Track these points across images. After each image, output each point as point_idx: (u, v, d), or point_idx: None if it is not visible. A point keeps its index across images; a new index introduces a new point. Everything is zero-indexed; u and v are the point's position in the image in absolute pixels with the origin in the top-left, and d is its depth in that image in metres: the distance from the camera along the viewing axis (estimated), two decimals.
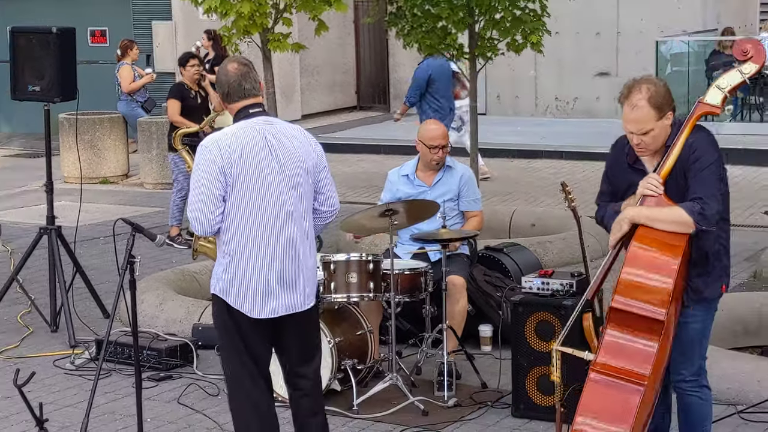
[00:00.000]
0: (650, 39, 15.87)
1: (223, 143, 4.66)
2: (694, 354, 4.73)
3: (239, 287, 4.69)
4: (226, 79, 4.79)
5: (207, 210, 4.64)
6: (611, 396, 4.32)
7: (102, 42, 18.05)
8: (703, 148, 4.57)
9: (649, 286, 4.37)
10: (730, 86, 4.58)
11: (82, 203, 8.02)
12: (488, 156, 13.51)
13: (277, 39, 9.99)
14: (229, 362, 4.84)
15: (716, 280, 4.70)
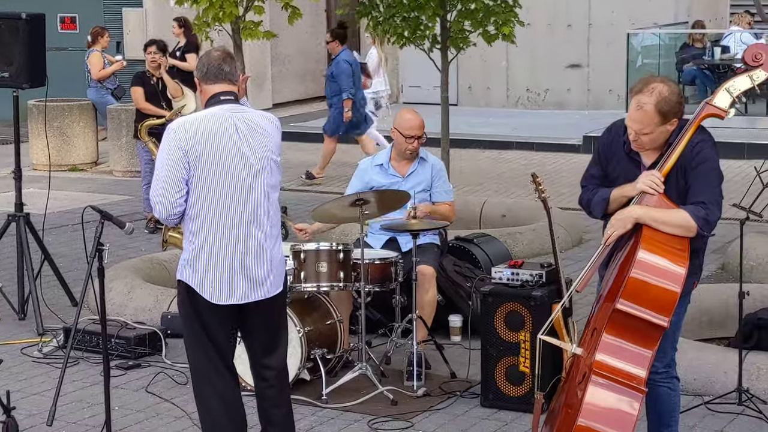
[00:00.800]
0: (621, 31, 15.94)
1: (189, 127, 4.66)
2: (668, 345, 4.75)
3: (204, 273, 4.68)
4: (207, 60, 4.80)
5: (169, 192, 4.62)
6: (613, 401, 4.32)
7: (72, 29, 17.92)
8: (707, 151, 4.57)
9: (657, 291, 4.35)
10: (739, 91, 4.56)
11: (51, 191, 7.97)
12: (459, 147, 13.53)
13: (249, 27, 9.96)
14: (193, 350, 4.82)
15: (692, 276, 4.68)
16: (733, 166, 13.01)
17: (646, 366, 4.38)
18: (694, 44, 16.11)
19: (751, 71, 4.57)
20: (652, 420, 4.90)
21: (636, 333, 4.37)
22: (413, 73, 18.05)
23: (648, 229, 4.43)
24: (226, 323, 4.78)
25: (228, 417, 4.82)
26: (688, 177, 4.54)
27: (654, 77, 4.62)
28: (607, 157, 4.73)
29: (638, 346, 4.37)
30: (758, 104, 15.83)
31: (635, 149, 4.63)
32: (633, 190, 4.56)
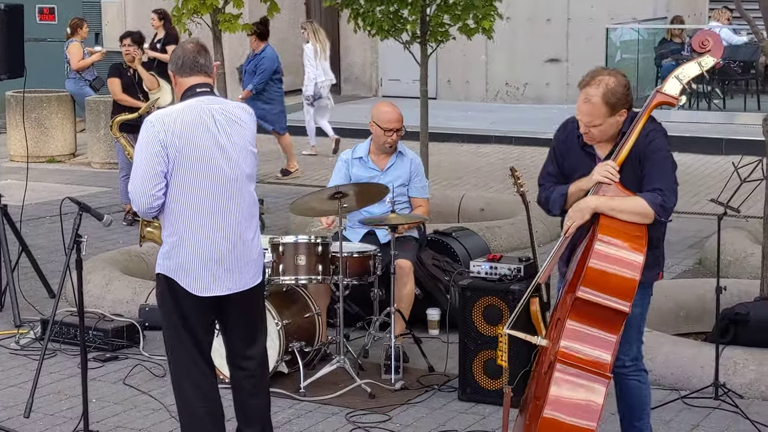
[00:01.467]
0: (600, 26, 15.98)
1: (167, 120, 4.65)
2: (633, 338, 4.78)
3: (185, 266, 4.68)
4: (182, 53, 4.79)
5: (147, 186, 4.62)
6: (578, 390, 4.33)
7: (50, 20, 17.83)
8: (660, 140, 4.62)
9: (616, 278, 4.38)
10: (688, 77, 4.62)
11: (29, 182, 7.94)
12: (438, 140, 13.55)
13: (228, 20, 9.93)
14: (172, 342, 4.82)
15: (655, 266, 4.74)
16: (711, 161, 13.10)
17: (611, 351, 4.39)
18: (672, 39, 16.16)
19: (699, 58, 4.65)
20: (624, 414, 4.92)
21: (599, 319, 4.40)
22: (392, 66, 18.06)
23: (605, 218, 4.48)
24: (205, 315, 4.79)
25: (206, 408, 4.83)
26: (644, 165, 4.57)
27: (601, 69, 4.68)
28: (562, 154, 4.78)
29: (602, 331, 4.39)
30: (736, 100, 15.93)
31: (588, 142, 4.68)
32: (589, 183, 4.59)
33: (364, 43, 17.77)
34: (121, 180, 10.40)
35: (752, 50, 15.44)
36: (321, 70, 13.78)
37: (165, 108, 4.80)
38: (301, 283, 6.39)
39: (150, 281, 7.70)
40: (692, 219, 10.33)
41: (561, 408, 4.32)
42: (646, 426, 4.92)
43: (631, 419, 4.91)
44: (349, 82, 19.15)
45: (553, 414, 4.32)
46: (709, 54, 4.63)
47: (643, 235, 4.47)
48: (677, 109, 15.52)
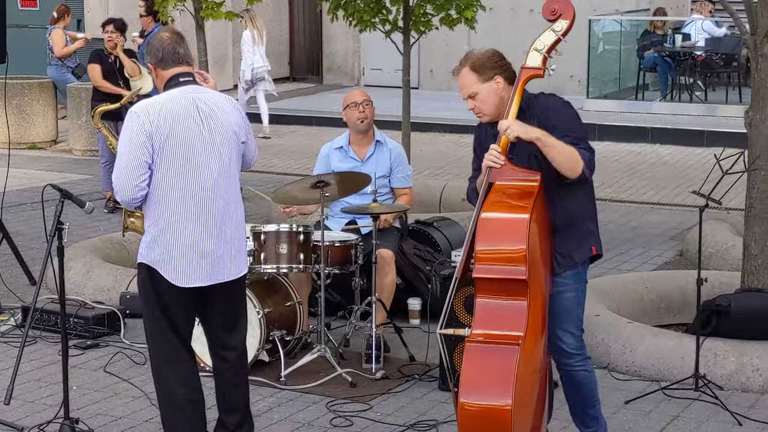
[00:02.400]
0: (583, 17, 15.98)
1: (152, 110, 4.64)
2: (571, 324, 4.73)
3: (168, 256, 4.68)
4: (160, 45, 4.77)
5: (131, 176, 4.60)
6: (488, 362, 4.25)
7: (32, 6, 17.72)
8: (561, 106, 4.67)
9: (504, 252, 4.31)
10: (546, 46, 4.64)
11: (9, 169, 7.90)
12: (420, 130, 13.55)
13: (211, 7, 9.90)
14: (153, 332, 4.82)
15: (584, 242, 4.74)
16: (693, 153, 13.15)
17: (523, 322, 4.29)
18: (655, 31, 16.19)
19: (553, 24, 4.67)
20: (576, 404, 4.89)
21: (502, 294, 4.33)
22: (374, 56, 18.05)
23: (492, 194, 4.43)
24: (186, 305, 4.79)
25: (187, 396, 4.83)
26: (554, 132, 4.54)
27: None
28: (482, 147, 4.73)
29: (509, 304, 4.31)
30: (718, 92, 15.98)
31: (480, 119, 4.70)
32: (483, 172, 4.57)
33: (346, 33, 17.73)
34: (102, 167, 10.40)
35: (734, 43, 15.50)
36: (258, 56, 14.17)
37: (149, 98, 4.78)
38: (282, 271, 6.38)
39: (131, 269, 7.68)
40: (674, 211, 10.38)
41: (474, 390, 4.23)
42: (599, 412, 4.91)
43: (583, 408, 4.88)
44: (332, 71, 19.13)
45: (467, 399, 4.23)
46: (561, 18, 4.66)
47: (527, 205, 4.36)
48: (659, 101, 15.62)
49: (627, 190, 11.34)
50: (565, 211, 4.68)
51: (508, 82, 4.68)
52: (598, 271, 8.24)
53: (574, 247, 4.72)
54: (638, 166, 12.58)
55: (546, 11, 4.67)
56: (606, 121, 14.44)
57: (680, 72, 15.91)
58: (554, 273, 4.68)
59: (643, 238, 9.36)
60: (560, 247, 4.69)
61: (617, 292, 7.05)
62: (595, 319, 6.49)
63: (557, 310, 4.69)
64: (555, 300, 4.68)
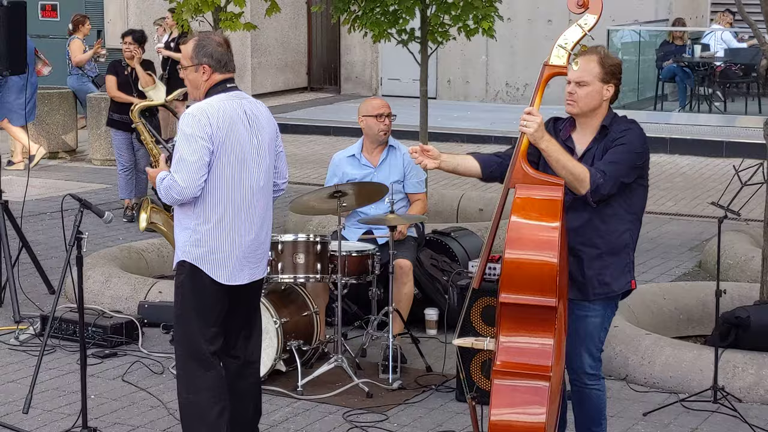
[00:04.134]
0: (602, 28, 15.97)
1: (210, 113, 4.78)
2: (592, 346, 4.69)
3: (215, 254, 4.80)
4: (219, 49, 4.91)
5: (197, 176, 4.72)
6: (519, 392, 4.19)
7: (53, 16, 17.83)
8: (633, 137, 4.59)
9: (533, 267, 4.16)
10: (572, 42, 4.44)
11: (29, 178, 7.95)
12: (438, 140, 13.55)
13: (229, 18, 9.93)
14: (184, 332, 4.87)
15: (625, 273, 4.66)
16: (712, 164, 13.10)
17: (549, 356, 4.19)
18: (674, 42, 16.16)
19: (579, 19, 4.45)
20: (582, 421, 4.84)
21: (530, 322, 4.19)
22: (392, 66, 18.06)
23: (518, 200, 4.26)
24: (222, 304, 4.89)
25: (214, 402, 4.86)
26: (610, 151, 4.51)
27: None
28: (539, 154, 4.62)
29: (536, 337, 4.19)
30: (737, 103, 15.93)
31: (569, 109, 4.59)
32: None
33: (364, 43, 17.76)
34: (119, 174, 10.50)
35: (753, 53, 15.45)
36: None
37: (203, 102, 4.86)
38: (299, 281, 6.39)
39: (149, 278, 7.71)
40: (693, 222, 10.34)
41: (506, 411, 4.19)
42: (604, 430, 4.87)
43: (590, 425, 4.83)
44: (349, 81, 19.16)
45: (500, 418, 4.19)
46: (588, 12, 4.42)
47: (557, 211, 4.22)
48: (677, 111, 15.57)
49: None
50: (610, 233, 4.58)
51: (613, 97, 4.63)
52: None
53: (614, 276, 4.63)
54: (657, 176, 12.54)
55: (572, 3, 4.45)
56: None
57: (699, 82, 15.87)
58: (587, 298, 4.61)
59: (661, 249, 9.33)
60: (600, 273, 4.59)
61: (636, 304, 7.02)
62: (614, 330, 6.46)
63: (580, 333, 4.65)
64: (579, 323, 4.64)
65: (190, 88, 4.97)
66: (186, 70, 4.94)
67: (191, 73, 4.92)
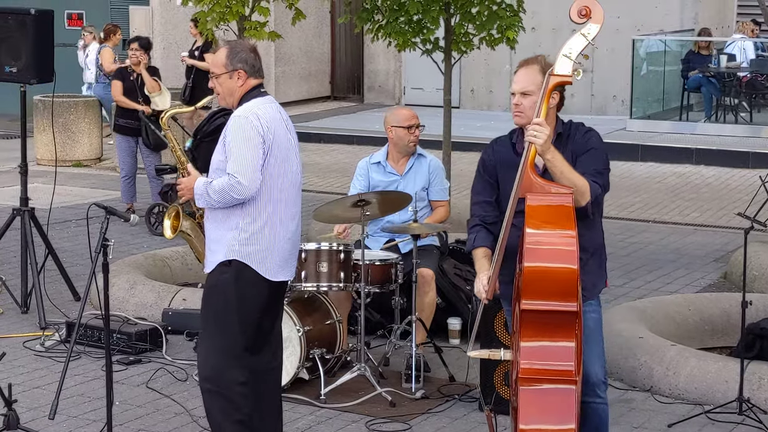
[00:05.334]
0: (626, 37, 15.95)
1: (260, 115, 4.92)
2: (601, 348, 4.66)
3: (268, 251, 4.92)
4: (252, 55, 5.05)
5: (258, 175, 4.84)
6: (547, 398, 4.18)
7: (79, 25, 17.95)
8: (597, 139, 4.63)
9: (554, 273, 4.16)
10: (576, 52, 4.45)
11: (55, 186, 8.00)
12: (461, 150, 13.55)
13: (254, 27, 9.97)
14: (228, 327, 4.92)
15: (603, 273, 4.71)
16: (738, 175, 13.04)
17: (572, 359, 4.20)
18: (700, 51, 16.10)
19: (583, 28, 4.46)
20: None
21: (551, 327, 4.21)
22: (416, 75, 18.09)
23: (530, 209, 4.27)
24: (263, 301, 4.99)
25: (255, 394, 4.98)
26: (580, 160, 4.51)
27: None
28: (502, 174, 4.62)
29: (557, 341, 4.20)
30: (763, 113, 15.86)
31: (516, 121, 4.56)
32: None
33: (387, 52, 17.79)
34: (122, 181, 10.88)
35: None
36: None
37: (247, 106, 4.95)
38: (322, 290, 6.40)
39: (173, 285, 7.74)
40: (718, 232, 10.29)
41: (535, 419, 4.19)
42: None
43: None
44: (373, 90, 19.19)
45: (529, 426, 4.19)
46: (591, 21, 4.44)
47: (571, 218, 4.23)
48: (703, 122, 15.51)
49: (670, 211, 11.27)
50: (595, 236, 4.64)
51: (559, 104, 4.64)
52: (641, 293, 8.20)
53: (597, 276, 4.68)
54: (682, 187, 12.50)
55: (574, 13, 4.47)
56: (649, 142, 14.37)
57: (725, 93, 15.80)
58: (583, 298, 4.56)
59: (686, 260, 9.30)
60: (590, 273, 4.60)
61: (660, 314, 7.00)
62: (639, 341, 6.44)
63: (583, 334, 4.52)
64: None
65: (224, 95, 5.03)
66: (219, 78, 4.99)
67: (226, 80, 4.99)
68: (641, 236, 10.14)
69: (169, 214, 5.52)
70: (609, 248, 4.86)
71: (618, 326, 6.64)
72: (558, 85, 4.48)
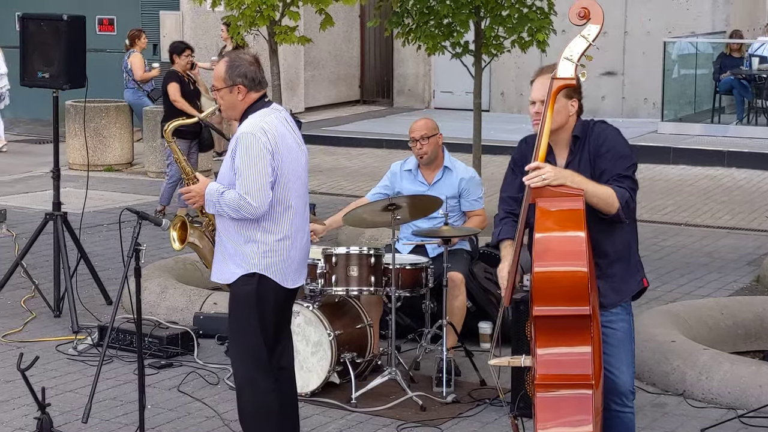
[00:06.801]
0: (657, 39, 15.87)
1: (267, 128, 4.90)
2: (627, 358, 4.60)
3: (286, 262, 4.97)
4: (252, 68, 4.99)
5: (267, 194, 4.85)
6: (564, 402, 4.18)
7: (110, 30, 18.05)
8: (613, 135, 4.55)
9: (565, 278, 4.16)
10: (578, 54, 4.41)
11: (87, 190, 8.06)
12: (491, 153, 13.52)
13: (284, 32, 10.00)
14: (253, 339, 4.97)
15: (635, 274, 4.63)
16: None
17: (589, 365, 4.18)
18: (731, 54, 15.99)
19: (582, 29, 4.42)
20: None
21: (565, 333, 4.18)
22: (445, 78, 18.07)
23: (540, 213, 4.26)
24: (284, 309, 5.09)
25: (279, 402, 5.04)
26: (600, 163, 4.48)
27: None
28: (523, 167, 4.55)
29: (573, 347, 4.18)
30: None
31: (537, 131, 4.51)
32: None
33: (417, 56, 17.78)
34: (167, 183, 10.96)
35: None
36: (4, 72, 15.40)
37: (253, 120, 4.92)
38: (352, 294, 6.40)
39: (204, 290, 7.77)
40: (750, 235, 10.21)
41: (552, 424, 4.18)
42: None
43: None
44: (402, 94, 19.19)
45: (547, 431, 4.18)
46: (591, 22, 4.40)
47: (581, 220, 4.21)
48: (735, 125, 15.40)
49: (702, 214, 11.20)
50: (616, 240, 4.55)
51: (579, 111, 4.62)
52: (673, 297, 8.15)
53: (626, 279, 4.61)
54: (714, 189, 12.42)
55: (573, 16, 4.42)
56: (681, 145, 14.29)
57: (757, 95, 15.68)
58: (603, 306, 4.53)
59: (718, 263, 9.23)
60: (611, 279, 4.56)
61: (693, 318, 6.95)
62: (671, 345, 6.41)
63: (610, 343, 4.55)
64: (607, 334, 4.54)
65: (226, 109, 5.03)
66: (220, 92, 4.99)
67: (226, 94, 4.98)
68: (674, 239, 10.08)
69: (174, 225, 5.44)
70: (642, 251, 4.81)
71: (650, 330, 6.60)
72: (562, 89, 4.44)
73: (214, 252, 5.13)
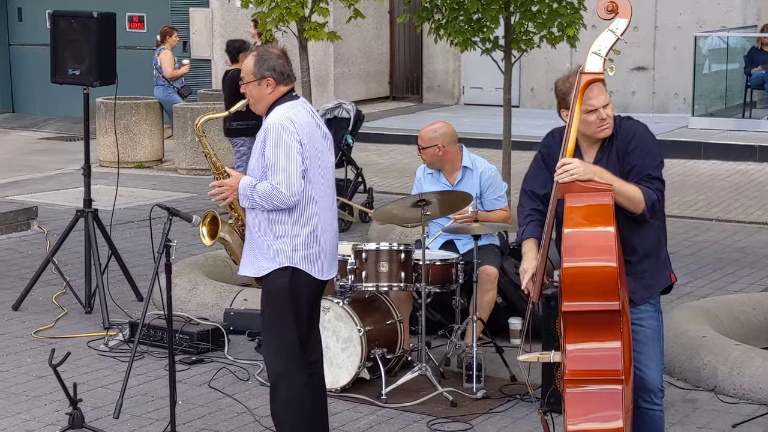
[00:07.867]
0: (688, 34, 15.76)
1: (295, 120, 4.93)
2: (656, 355, 4.58)
3: (318, 254, 4.98)
4: (281, 62, 5.02)
5: (299, 183, 4.88)
6: (593, 398, 4.17)
7: (140, 28, 18.15)
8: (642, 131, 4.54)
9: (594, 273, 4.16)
10: (606, 48, 4.41)
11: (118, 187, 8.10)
12: (521, 149, 13.48)
13: (313, 28, 10.00)
14: (287, 333, 4.99)
15: (663, 270, 4.62)
16: None
17: (619, 360, 4.17)
18: (763, 48, 15.86)
19: (611, 24, 4.42)
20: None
21: (594, 327, 4.19)
22: (475, 74, 18.02)
23: (568, 210, 4.25)
24: (317, 301, 5.13)
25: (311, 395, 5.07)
26: (630, 160, 4.46)
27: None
28: (549, 162, 4.62)
29: (603, 342, 4.18)
30: None
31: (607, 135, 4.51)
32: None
33: (446, 52, 17.76)
34: None
35: None
36: None
37: (279, 111, 4.96)
38: (382, 289, 6.40)
39: (235, 286, 7.79)
40: None
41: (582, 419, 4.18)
42: None
43: None
44: (432, 90, 19.16)
45: (577, 427, 4.19)
46: (619, 16, 4.40)
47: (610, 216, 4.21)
48: (767, 119, 15.27)
49: (734, 209, 11.11)
50: (646, 236, 4.54)
51: None
52: (704, 292, 8.10)
53: (654, 275, 4.59)
54: (745, 185, 12.32)
55: (601, 10, 4.43)
56: (712, 140, 14.19)
57: None
58: (632, 302, 4.51)
59: (750, 259, 9.16)
60: (641, 275, 4.54)
61: (724, 314, 6.91)
62: (702, 340, 6.37)
63: (639, 340, 4.54)
64: (636, 331, 4.53)
65: (254, 101, 5.05)
66: (249, 85, 5.01)
67: (254, 88, 5.00)
68: (705, 235, 10.01)
69: (204, 220, 5.47)
70: (673, 247, 4.81)
71: (682, 326, 6.57)
72: (590, 83, 4.43)
73: (244, 247, 5.14)
